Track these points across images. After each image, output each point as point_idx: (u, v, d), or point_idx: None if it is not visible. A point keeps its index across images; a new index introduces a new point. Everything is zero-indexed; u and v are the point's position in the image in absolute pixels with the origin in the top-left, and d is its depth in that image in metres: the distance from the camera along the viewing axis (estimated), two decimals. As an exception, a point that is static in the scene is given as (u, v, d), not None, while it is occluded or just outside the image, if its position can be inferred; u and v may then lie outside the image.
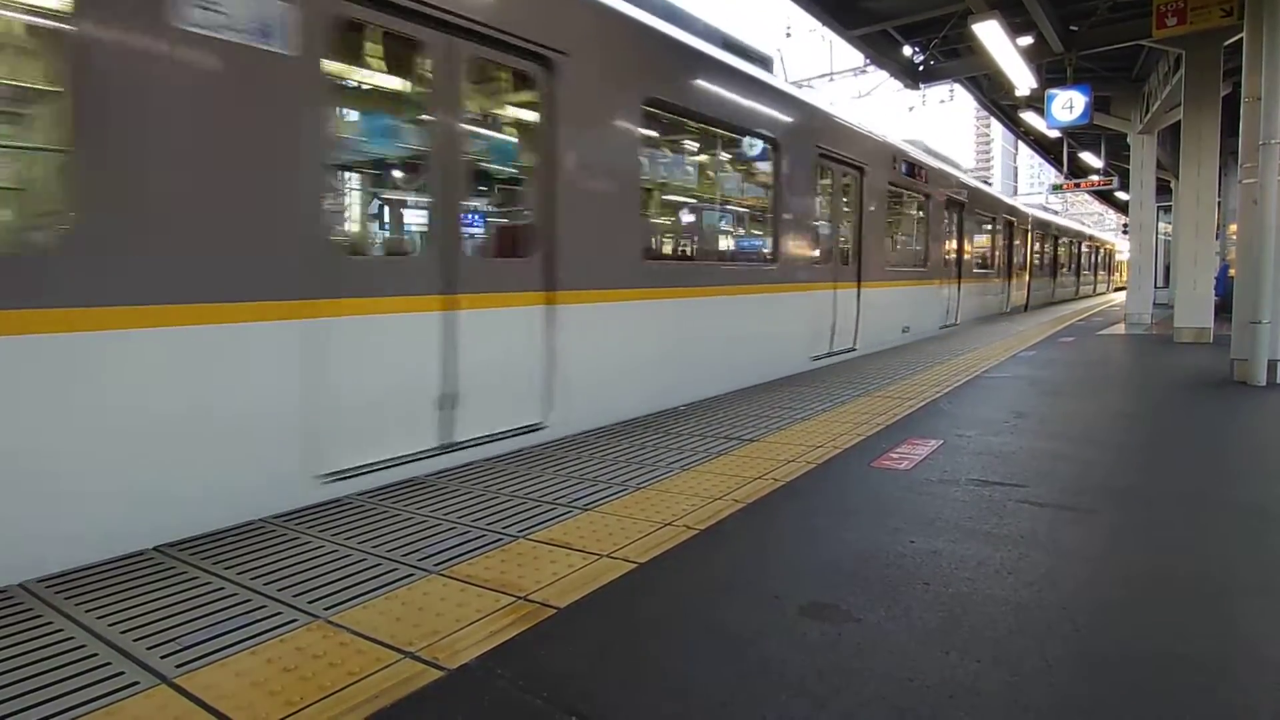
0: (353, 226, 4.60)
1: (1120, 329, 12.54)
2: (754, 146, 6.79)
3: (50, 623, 2.06)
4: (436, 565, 2.48)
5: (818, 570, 2.43)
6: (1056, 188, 20.96)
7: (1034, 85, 11.13)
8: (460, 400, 3.79)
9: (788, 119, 6.91)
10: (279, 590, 2.28)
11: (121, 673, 1.80)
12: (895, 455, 3.90)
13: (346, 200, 4.44)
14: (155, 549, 2.61)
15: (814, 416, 4.98)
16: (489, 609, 2.15)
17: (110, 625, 2.05)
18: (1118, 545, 2.70)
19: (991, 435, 4.37)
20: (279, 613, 2.13)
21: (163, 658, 1.87)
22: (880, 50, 12.20)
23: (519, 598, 2.22)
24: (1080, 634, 1.98)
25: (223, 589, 2.29)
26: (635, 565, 2.46)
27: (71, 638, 1.98)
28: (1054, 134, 16.68)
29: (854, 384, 6.43)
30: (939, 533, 2.75)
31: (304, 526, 2.86)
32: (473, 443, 3.88)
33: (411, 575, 2.40)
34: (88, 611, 2.13)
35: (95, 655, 1.89)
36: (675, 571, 2.44)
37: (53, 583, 2.33)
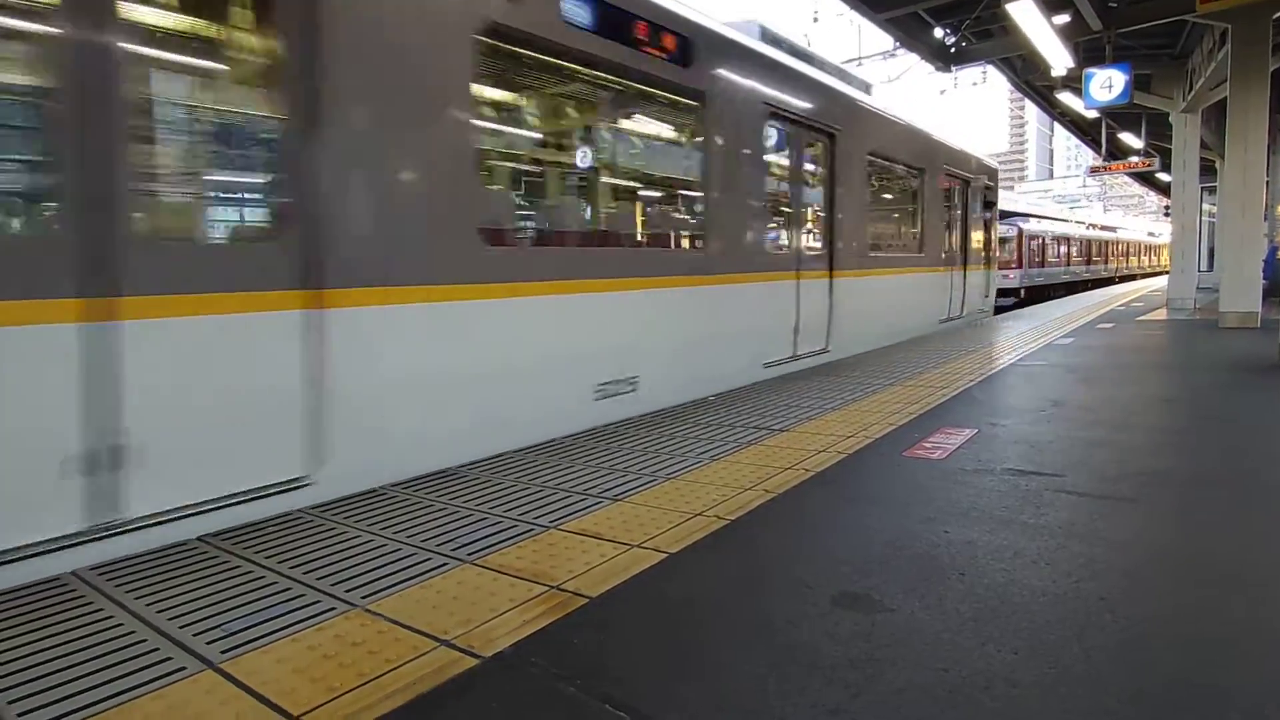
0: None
1: (1162, 314, 12.17)
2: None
3: (101, 609, 2.14)
4: (470, 555, 2.52)
5: (850, 560, 2.41)
6: (1095, 170, 20.38)
7: (1071, 65, 10.84)
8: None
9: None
10: (318, 579, 2.34)
11: (170, 658, 1.87)
12: (928, 445, 3.84)
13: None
14: (199, 539, 2.70)
15: (844, 406, 4.94)
16: (522, 598, 2.17)
17: (158, 612, 2.12)
18: (1158, 534, 2.64)
19: (1027, 424, 4.28)
20: (318, 601, 2.18)
21: (208, 644, 1.93)
22: (910, 33, 11.97)
23: (551, 587, 2.24)
24: (1120, 624, 1.93)
25: (263, 577, 2.35)
26: (666, 555, 2.47)
27: (121, 624, 2.05)
28: (1092, 114, 16.21)
29: (885, 373, 6.35)
30: (974, 523, 2.71)
31: (340, 516, 2.92)
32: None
33: (445, 564, 2.44)
34: (137, 599, 2.21)
35: (144, 641, 1.95)
36: (706, 562, 2.44)
37: (103, 570, 2.42)
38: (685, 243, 5.94)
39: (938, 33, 12.23)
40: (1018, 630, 1.91)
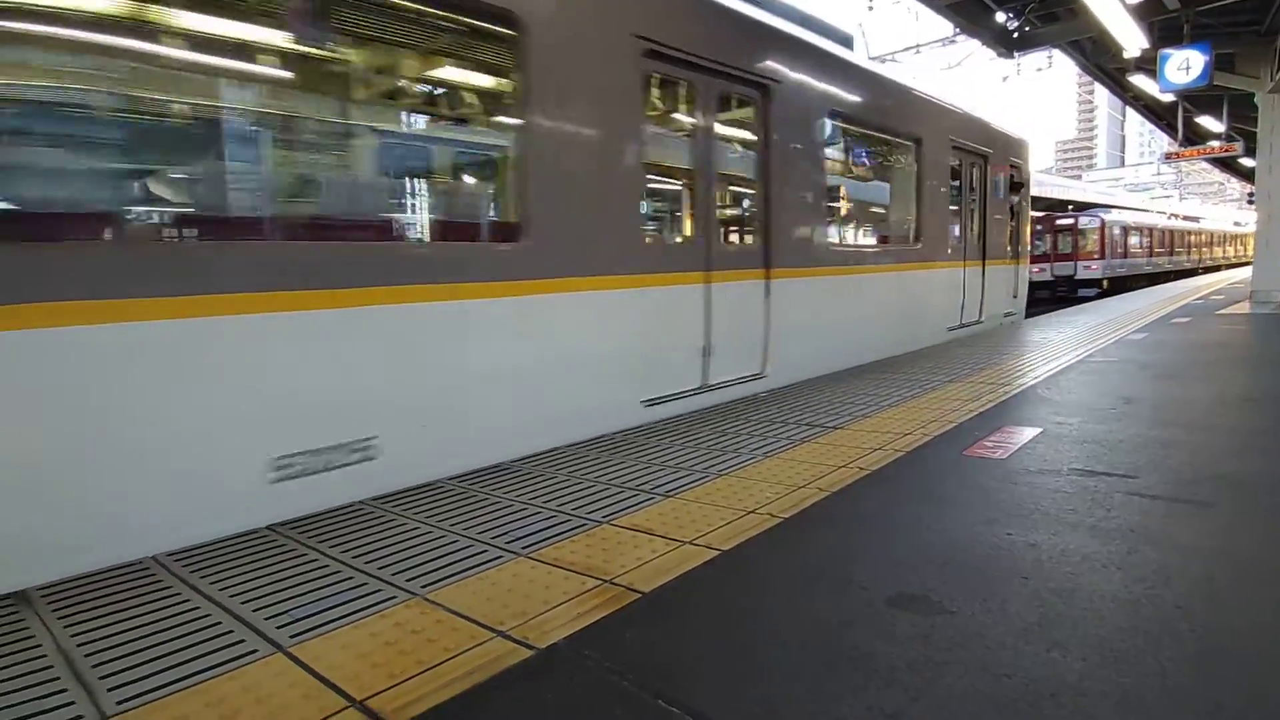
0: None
1: (1245, 307, 11.48)
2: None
3: (179, 593, 2.27)
4: (524, 548, 2.56)
5: (907, 561, 2.35)
6: (1170, 157, 19.32)
7: (1145, 45, 10.28)
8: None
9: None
10: (379, 568, 2.41)
11: (242, 640, 1.96)
12: (989, 443, 3.72)
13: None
14: (268, 528, 2.82)
15: (901, 404, 4.82)
16: (575, 591, 2.20)
17: (231, 597, 2.22)
18: (1239, 540, 2.49)
19: (1096, 423, 4.10)
20: (379, 590, 2.25)
21: (278, 628, 2.02)
22: (971, 18, 11.57)
23: (604, 581, 2.26)
24: (1198, 634, 1.84)
25: (328, 566, 2.44)
26: (719, 552, 2.46)
27: (197, 607, 2.16)
28: (1168, 98, 15.35)
29: (943, 370, 6.17)
30: (1038, 525, 2.61)
31: (398, 508, 3.01)
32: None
33: (500, 557, 2.49)
34: (211, 583, 2.32)
35: (219, 624, 2.06)
36: (759, 559, 2.43)
37: (179, 556, 2.55)
38: (477, 234, 4.20)
39: (999, 17, 11.78)
40: (1086, 637, 1.83)
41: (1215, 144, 17.78)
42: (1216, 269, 33.22)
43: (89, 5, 2.86)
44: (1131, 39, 10.01)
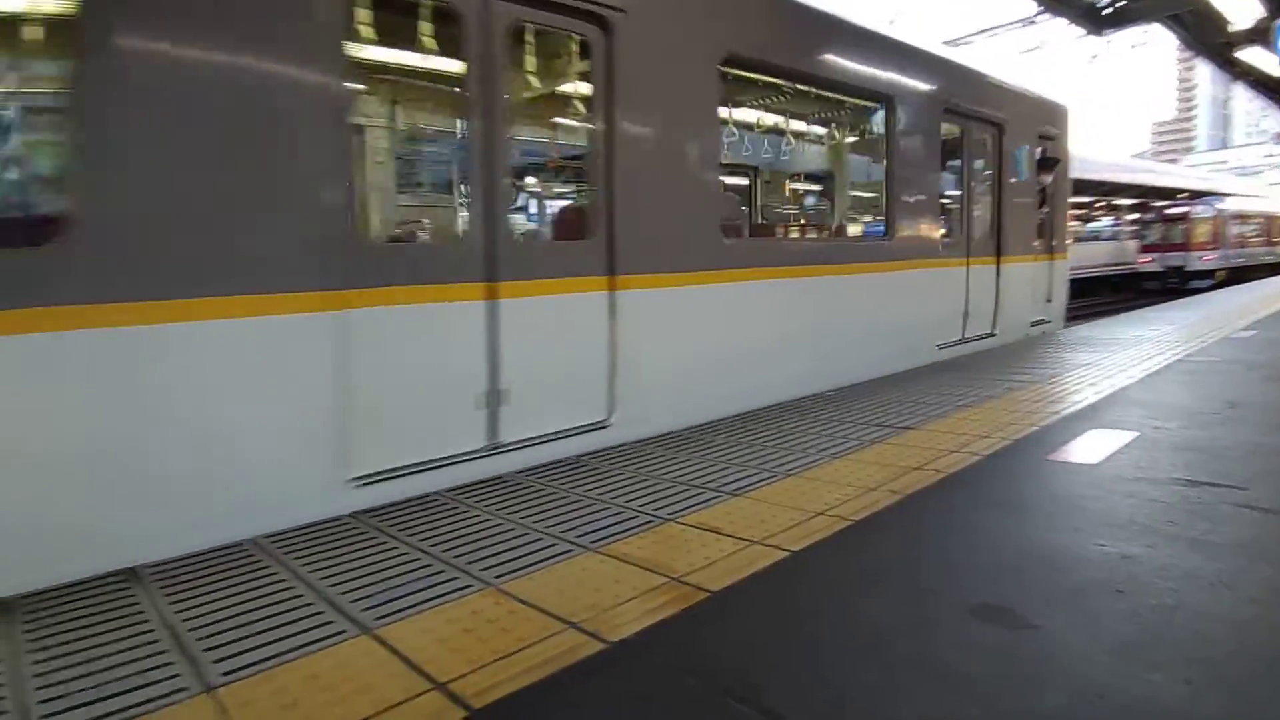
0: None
1: (1371, 303, 10.49)
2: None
3: (276, 573, 2.40)
4: (592, 543, 2.59)
5: (986, 569, 2.26)
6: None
7: (1261, 14, 9.49)
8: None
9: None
10: (455, 557, 2.49)
11: (332, 621, 2.06)
12: (1077, 448, 3.53)
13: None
14: (351, 515, 2.95)
15: (977, 405, 4.63)
16: (644, 587, 2.21)
17: (321, 579, 2.34)
18: (1371, 562, 2.28)
19: (1198, 428, 3.83)
20: (455, 578, 2.33)
21: (363, 610, 2.12)
22: (1057, -5, 10.96)
23: (672, 579, 2.27)
24: (1321, 663, 1.70)
25: (407, 554, 2.54)
26: (788, 553, 2.43)
27: (292, 587, 2.29)
28: (1283, 73, 14.15)
29: (1020, 370, 5.89)
30: (1134, 536, 2.46)
31: (471, 500, 3.10)
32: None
33: (570, 551, 2.53)
34: (304, 566, 2.45)
35: (311, 604, 2.17)
36: (829, 562, 2.38)
37: (275, 539, 2.70)
38: None
39: (1090, -7, 11.12)
40: (1191, 659, 1.72)
41: (1339, 123, 16.27)
42: None
43: None
44: (1243, 9, 9.26)
